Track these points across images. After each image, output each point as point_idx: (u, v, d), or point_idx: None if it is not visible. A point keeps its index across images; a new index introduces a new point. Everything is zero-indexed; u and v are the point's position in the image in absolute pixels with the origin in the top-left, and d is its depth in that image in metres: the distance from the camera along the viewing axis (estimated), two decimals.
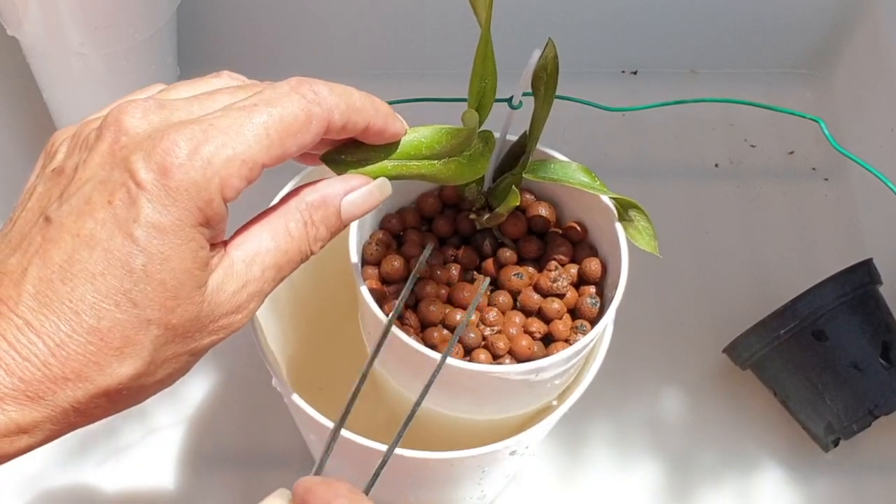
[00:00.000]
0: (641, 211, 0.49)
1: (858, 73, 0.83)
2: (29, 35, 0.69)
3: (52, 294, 0.34)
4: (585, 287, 0.50)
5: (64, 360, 0.34)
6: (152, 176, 0.34)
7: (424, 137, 0.42)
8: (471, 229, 0.51)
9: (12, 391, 0.33)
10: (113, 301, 0.34)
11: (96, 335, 0.34)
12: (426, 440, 0.50)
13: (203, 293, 0.36)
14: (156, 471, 0.69)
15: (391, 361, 0.50)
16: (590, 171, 0.49)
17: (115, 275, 0.34)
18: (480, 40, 0.43)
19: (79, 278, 0.34)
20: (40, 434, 0.34)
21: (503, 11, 0.78)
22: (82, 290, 0.34)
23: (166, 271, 0.34)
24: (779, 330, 0.67)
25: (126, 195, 0.34)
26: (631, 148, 0.84)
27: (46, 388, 0.34)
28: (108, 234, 0.34)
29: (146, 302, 0.34)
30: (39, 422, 0.34)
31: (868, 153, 0.49)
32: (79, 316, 0.34)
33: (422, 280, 0.49)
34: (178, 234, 0.35)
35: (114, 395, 0.35)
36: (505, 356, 0.48)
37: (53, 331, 0.34)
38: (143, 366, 0.35)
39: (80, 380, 0.34)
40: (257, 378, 0.55)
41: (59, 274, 0.34)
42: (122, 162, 0.35)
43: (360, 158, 0.40)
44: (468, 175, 0.44)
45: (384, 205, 0.51)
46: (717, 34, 0.84)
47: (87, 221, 0.34)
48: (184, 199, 0.34)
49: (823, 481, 0.70)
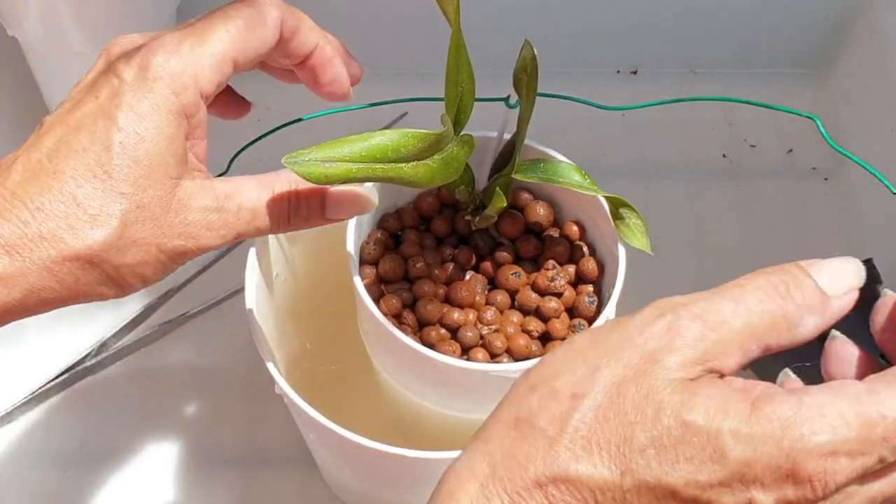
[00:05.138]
0: (633, 209, 0.49)
1: (858, 73, 0.83)
2: (29, 35, 0.69)
3: (38, 170, 0.39)
4: (583, 286, 0.50)
5: (42, 220, 0.38)
6: (133, 72, 0.40)
7: (390, 141, 0.42)
8: (469, 229, 0.51)
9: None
10: (91, 173, 0.38)
11: (73, 202, 0.38)
12: (426, 440, 0.50)
13: (175, 188, 0.40)
14: (156, 471, 0.69)
15: (389, 361, 0.50)
16: (581, 169, 0.49)
17: (96, 151, 0.39)
18: (451, 44, 0.43)
19: (63, 154, 0.39)
20: (17, 290, 0.38)
21: (502, 11, 0.78)
22: (65, 164, 0.38)
23: (141, 150, 0.39)
24: None
25: (110, 89, 0.40)
26: (631, 148, 0.84)
27: (23, 244, 0.37)
28: (92, 119, 0.39)
29: (121, 175, 0.39)
30: (16, 275, 0.37)
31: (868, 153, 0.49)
32: (60, 185, 0.38)
33: (420, 279, 0.49)
34: (154, 119, 0.39)
35: (85, 261, 0.38)
36: (503, 355, 0.48)
37: (35, 196, 0.38)
38: (113, 236, 0.38)
39: (55, 240, 0.38)
40: (257, 378, 0.55)
41: (46, 154, 0.39)
42: (109, 69, 0.40)
43: (323, 159, 0.40)
44: (439, 178, 0.44)
45: (382, 204, 0.51)
46: (717, 34, 0.84)
47: (75, 114, 0.40)
48: (160, 86, 0.39)
49: None
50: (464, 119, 0.46)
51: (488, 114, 0.48)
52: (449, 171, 0.44)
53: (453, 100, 0.45)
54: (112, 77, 0.40)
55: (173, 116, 0.40)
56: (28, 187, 0.38)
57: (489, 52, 0.56)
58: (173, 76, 0.40)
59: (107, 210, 0.38)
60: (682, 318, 0.31)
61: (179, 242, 0.40)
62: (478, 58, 0.46)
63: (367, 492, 0.62)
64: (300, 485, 0.69)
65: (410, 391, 0.51)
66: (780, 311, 0.32)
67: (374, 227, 0.51)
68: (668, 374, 0.30)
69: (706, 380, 0.31)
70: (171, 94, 0.40)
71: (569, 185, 0.48)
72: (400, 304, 0.48)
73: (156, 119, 0.39)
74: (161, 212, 0.40)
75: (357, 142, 0.41)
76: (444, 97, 0.46)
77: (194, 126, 0.41)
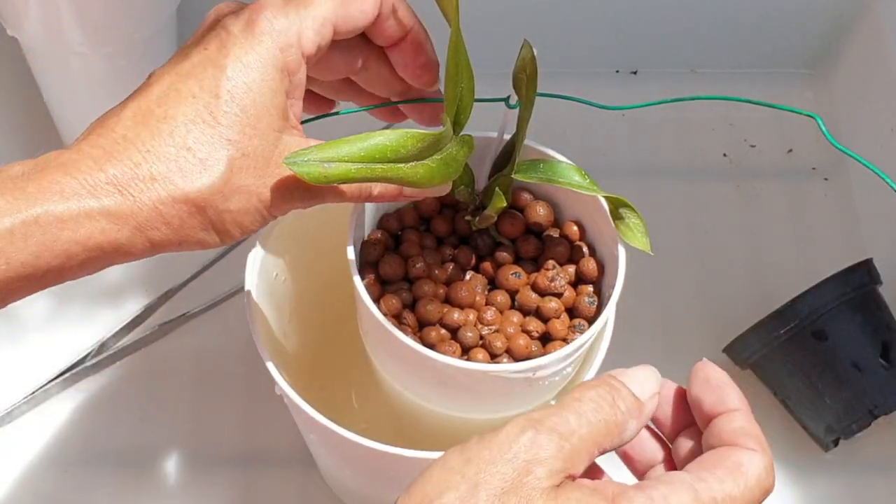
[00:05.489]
0: (632, 209, 0.49)
1: (858, 73, 0.83)
2: (29, 35, 0.69)
3: (148, 115, 0.40)
4: (583, 286, 0.50)
5: (153, 162, 0.39)
6: (241, 26, 0.41)
7: (390, 141, 0.42)
8: (468, 229, 0.51)
9: (105, 184, 0.38)
10: (201, 119, 0.40)
11: (183, 146, 0.39)
12: (426, 440, 0.50)
13: (277, 140, 0.41)
14: (156, 471, 0.69)
15: (389, 361, 0.50)
16: (581, 170, 0.49)
17: (205, 98, 0.40)
18: (450, 44, 0.43)
19: (173, 100, 0.40)
20: (127, 229, 0.39)
21: (501, 11, 0.78)
22: (175, 110, 0.40)
23: (248, 100, 0.40)
24: (779, 330, 0.67)
25: (218, 41, 0.41)
26: (631, 148, 0.84)
27: (135, 185, 0.38)
28: (201, 69, 0.40)
29: (228, 122, 0.40)
30: (127, 214, 0.38)
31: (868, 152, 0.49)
32: (170, 129, 0.39)
33: (420, 279, 0.49)
34: (261, 71, 0.41)
35: (193, 204, 0.39)
36: (503, 355, 0.48)
37: (146, 140, 0.39)
38: (219, 181, 0.40)
39: (166, 182, 0.39)
40: (257, 378, 0.55)
41: (156, 101, 0.40)
42: (217, 24, 0.42)
43: (322, 159, 0.40)
44: (438, 178, 0.44)
45: (383, 205, 0.51)
46: (717, 34, 0.84)
47: (183, 64, 0.41)
48: (266, 41, 0.41)
49: (823, 481, 0.70)
50: (463, 119, 0.46)
51: (488, 114, 0.48)
52: (448, 172, 0.44)
53: (452, 100, 0.45)
54: (220, 31, 0.41)
55: (277, 71, 0.41)
56: (139, 131, 0.39)
57: (489, 52, 0.56)
58: (279, 33, 0.41)
59: (215, 155, 0.40)
60: (541, 433, 0.35)
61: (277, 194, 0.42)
62: (477, 58, 0.46)
63: (367, 492, 0.62)
64: (300, 485, 0.69)
65: (410, 391, 0.51)
66: (612, 419, 0.37)
67: (374, 228, 0.51)
68: (540, 483, 0.35)
69: (568, 486, 0.35)
70: (277, 49, 0.41)
71: (569, 185, 0.48)
72: (400, 305, 0.48)
73: (261, 72, 0.41)
74: (263, 162, 0.41)
75: (356, 142, 0.41)
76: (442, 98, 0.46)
77: (295, 85, 0.42)
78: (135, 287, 0.75)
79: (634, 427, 0.38)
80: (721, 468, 0.37)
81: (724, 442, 0.38)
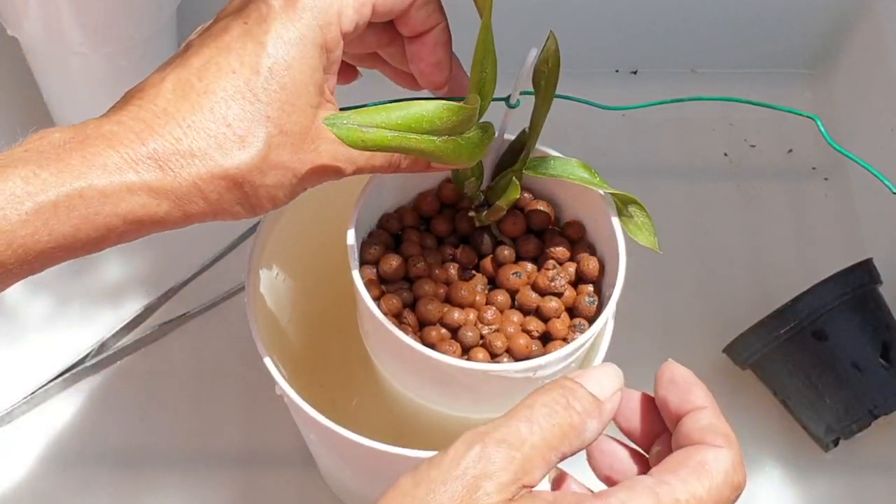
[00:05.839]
0: (641, 207, 0.49)
1: (858, 73, 0.83)
2: (29, 35, 0.69)
3: (188, 88, 0.40)
4: (583, 286, 0.50)
5: (193, 138, 0.39)
6: (282, 1, 0.41)
7: (426, 111, 0.42)
8: (469, 228, 0.51)
9: (146, 158, 0.38)
10: (241, 95, 0.40)
11: (223, 122, 0.39)
12: (426, 440, 0.50)
13: (314, 117, 0.41)
14: (156, 471, 0.69)
15: (389, 360, 0.50)
16: (589, 167, 0.49)
17: (245, 74, 0.40)
18: (481, 31, 0.43)
19: (213, 74, 0.40)
20: (166, 202, 0.39)
21: (501, 11, 0.78)
22: (215, 85, 0.40)
23: (288, 77, 0.40)
24: (779, 330, 0.67)
25: (258, 15, 0.41)
26: (631, 148, 0.84)
27: (175, 160, 0.39)
28: (241, 43, 0.40)
29: (268, 99, 0.40)
30: (166, 188, 0.39)
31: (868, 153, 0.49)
32: (211, 104, 0.39)
33: (420, 279, 0.49)
34: (301, 48, 0.41)
35: (231, 180, 0.40)
36: (503, 355, 0.48)
37: (186, 115, 0.39)
38: (258, 158, 0.40)
39: (205, 157, 0.39)
40: (257, 378, 0.55)
41: (196, 74, 0.40)
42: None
43: (361, 124, 0.40)
44: (465, 158, 0.44)
45: (383, 204, 0.51)
46: (717, 34, 0.84)
47: (223, 37, 0.41)
48: (307, 17, 0.41)
49: (823, 481, 0.70)
50: (484, 106, 0.46)
51: (488, 115, 0.48)
52: (474, 153, 0.45)
53: (477, 84, 0.45)
54: (261, 4, 0.41)
55: (316, 48, 0.41)
56: (179, 105, 0.39)
57: None
58: (320, 10, 0.41)
59: (254, 132, 0.40)
60: (488, 446, 0.35)
61: (312, 167, 0.42)
62: None
63: (367, 492, 0.62)
64: (300, 485, 0.69)
65: (410, 391, 0.51)
66: (568, 422, 0.36)
67: (374, 227, 0.51)
68: (490, 498, 0.34)
69: (524, 498, 0.35)
70: (317, 26, 0.41)
71: (579, 182, 0.48)
72: (400, 304, 0.48)
73: (301, 49, 0.41)
74: (300, 139, 0.41)
75: (395, 110, 0.41)
76: (451, 97, 0.46)
77: (332, 62, 0.43)
78: (135, 287, 0.75)
79: (595, 427, 0.37)
80: (684, 468, 0.36)
81: (691, 441, 0.37)
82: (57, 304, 0.74)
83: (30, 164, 0.37)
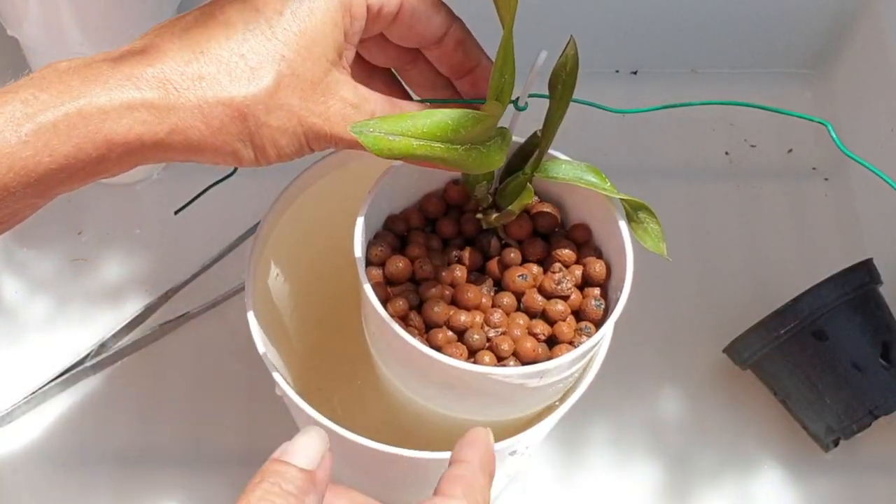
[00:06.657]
0: (651, 212, 0.49)
1: (859, 73, 0.83)
2: (29, 35, 0.69)
3: (208, 19, 0.41)
4: (590, 289, 0.50)
5: (204, 63, 0.40)
6: None
7: (451, 120, 0.42)
8: (475, 230, 0.51)
9: (151, 78, 0.39)
10: (260, 31, 0.41)
11: (237, 52, 0.40)
12: (427, 440, 0.50)
13: (328, 71, 0.42)
14: (156, 471, 0.69)
15: (394, 362, 0.50)
16: (600, 171, 0.49)
17: (267, 13, 0.41)
18: (503, 38, 0.43)
19: (236, 9, 0.41)
20: (167, 123, 0.39)
21: None
22: (236, 18, 0.41)
23: (309, 23, 0.41)
24: (779, 330, 0.67)
25: None
26: (631, 148, 0.84)
27: (181, 81, 0.39)
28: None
29: (285, 39, 0.41)
30: (167, 107, 0.39)
31: (868, 153, 0.49)
32: (227, 34, 0.40)
33: (426, 281, 0.49)
34: (324, 5, 0.42)
35: (235, 109, 0.40)
36: (509, 358, 0.48)
37: (202, 42, 0.40)
38: (265, 92, 0.40)
39: (213, 82, 0.40)
40: (257, 378, 0.55)
41: (220, 8, 0.41)
42: None
43: (387, 132, 0.41)
44: (486, 166, 0.44)
45: (389, 206, 0.51)
46: (717, 34, 0.84)
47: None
48: None
49: (823, 481, 0.70)
50: None
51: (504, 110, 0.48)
52: (493, 160, 0.45)
53: (496, 90, 0.45)
54: None
55: (342, 7, 0.42)
56: (195, 34, 0.40)
57: (492, 55, 0.56)
58: None
59: (266, 67, 0.40)
60: None
61: (318, 121, 0.42)
62: None
63: (367, 492, 0.62)
64: None
65: (415, 393, 0.51)
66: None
67: (380, 229, 0.51)
68: None
69: None
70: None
71: (589, 187, 0.48)
72: (407, 306, 0.48)
73: (326, 6, 0.42)
74: (310, 87, 0.41)
75: (421, 117, 0.41)
76: (459, 99, 0.47)
77: (353, 31, 0.43)
78: (135, 287, 0.75)
79: (314, 500, 0.37)
80: None
81: (435, 492, 0.39)
82: (57, 304, 0.74)
83: (30, 88, 0.38)
